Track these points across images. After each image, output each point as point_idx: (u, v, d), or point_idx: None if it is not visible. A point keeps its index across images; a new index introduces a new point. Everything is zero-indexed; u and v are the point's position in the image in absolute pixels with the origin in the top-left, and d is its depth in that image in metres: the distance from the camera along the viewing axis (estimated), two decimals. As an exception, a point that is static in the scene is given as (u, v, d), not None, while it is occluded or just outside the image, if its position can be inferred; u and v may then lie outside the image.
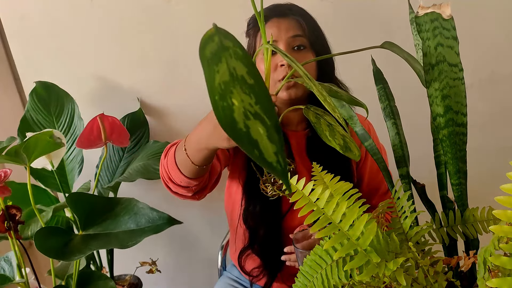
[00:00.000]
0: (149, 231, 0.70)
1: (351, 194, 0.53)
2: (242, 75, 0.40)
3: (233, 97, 0.38)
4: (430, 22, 0.57)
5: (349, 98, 0.60)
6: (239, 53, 0.42)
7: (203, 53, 0.40)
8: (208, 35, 0.42)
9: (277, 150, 0.37)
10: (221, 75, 0.39)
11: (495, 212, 0.39)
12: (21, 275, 0.84)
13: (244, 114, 0.38)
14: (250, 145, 0.37)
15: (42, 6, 1.33)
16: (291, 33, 0.93)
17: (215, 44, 0.41)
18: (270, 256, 1.01)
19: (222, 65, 0.40)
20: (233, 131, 0.37)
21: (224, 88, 0.38)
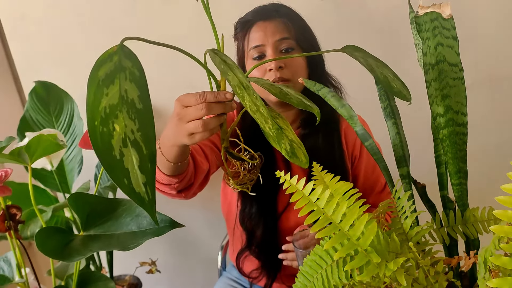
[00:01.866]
0: (150, 234, 0.69)
1: (351, 194, 0.53)
2: (133, 98, 0.40)
3: (116, 122, 0.38)
4: (430, 22, 0.57)
5: (298, 101, 0.57)
6: (135, 74, 0.41)
7: (96, 74, 0.40)
8: (107, 54, 0.41)
9: (147, 181, 0.37)
10: (109, 98, 0.39)
11: (496, 212, 0.39)
12: (20, 275, 0.84)
13: (122, 140, 0.38)
14: (120, 173, 0.36)
15: (42, 6, 1.33)
16: (278, 36, 0.93)
17: (113, 64, 0.41)
18: (268, 256, 1.01)
19: (114, 87, 0.39)
20: (106, 157, 0.36)
21: (108, 112, 0.38)
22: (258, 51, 0.94)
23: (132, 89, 0.40)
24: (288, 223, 1.01)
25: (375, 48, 1.30)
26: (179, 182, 0.82)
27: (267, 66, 0.92)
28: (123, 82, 0.40)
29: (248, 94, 0.48)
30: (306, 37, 0.97)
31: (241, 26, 0.99)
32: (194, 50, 1.02)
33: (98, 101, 0.39)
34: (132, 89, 0.40)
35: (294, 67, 0.93)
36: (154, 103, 1.41)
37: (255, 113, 0.48)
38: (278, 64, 0.90)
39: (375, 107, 0.79)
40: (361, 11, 1.30)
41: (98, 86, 0.40)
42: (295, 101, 0.56)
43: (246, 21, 0.97)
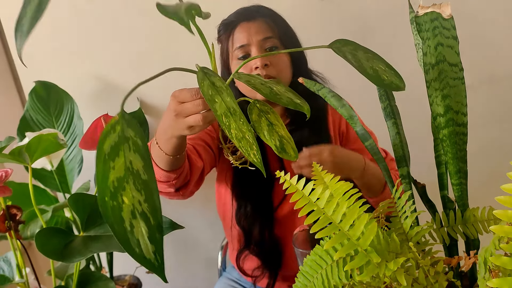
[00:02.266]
0: (150, 235, 0.69)
1: (351, 194, 0.53)
2: (138, 169, 0.41)
3: (124, 194, 0.40)
4: (430, 22, 0.57)
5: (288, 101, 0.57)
6: (138, 144, 0.42)
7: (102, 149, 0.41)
8: (110, 124, 0.42)
9: (156, 250, 0.40)
10: (116, 171, 0.40)
11: (496, 212, 0.39)
12: (20, 275, 0.84)
13: (131, 212, 0.39)
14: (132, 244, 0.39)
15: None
16: (262, 35, 0.95)
17: (116, 135, 0.42)
18: (268, 254, 1.02)
19: (119, 160, 0.40)
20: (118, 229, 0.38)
21: (117, 185, 0.40)
22: (243, 51, 0.96)
23: (137, 159, 0.42)
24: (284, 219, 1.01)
25: (375, 48, 1.31)
26: (177, 178, 0.83)
27: (253, 64, 0.93)
28: (128, 153, 0.41)
29: (234, 121, 0.49)
30: (289, 36, 1.00)
31: (224, 27, 1.00)
32: (194, 49, 1.02)
33: (106, 176, 0.40)
34: (137, 160, 0.42)
35: (279, 65, 0.95)
36: (152, 102, 1.41)
37: (240, 140, 0.48)
38: (263, 62, 0.93)
39: (375, 107, 0.79)
40: (361, 11, 1.30)
41: (104, 161, 0.40)
42: (285, 101, 0.56)
43: (230, 22, 0.99)
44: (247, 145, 0.49)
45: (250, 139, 0.49)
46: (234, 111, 0.49)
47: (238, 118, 0.49)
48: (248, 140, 0.49)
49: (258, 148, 0.49)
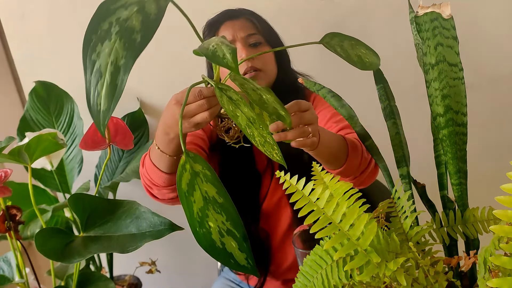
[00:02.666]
0: (150, 236, 0.69)
1: (351, 194, 0.53)
2: (213, 195, 0.47)
3: (209, 221, 0.46)
4: (430, 22, 0.57)
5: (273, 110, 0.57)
6: (208, 174, 0.48)
7: (181, 188, 0.47)
8: (181, 165, 0.48)
9: (247, 256, 0.47)
10: (197, 204, 0.46)
11: (496, 212, 0.39)
12: (20, 275, 0.84)
13: (219, 233, 0.46)
14: (227, 257, 0.46)
15: (42, 6, 1.33)
16: (246, 32, 0.99)
17: (188, 173, 0.47)
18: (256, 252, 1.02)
19: (196, 193, 0.46)
20: (212, 250, 0.45)
21: (201, 215, 0.46)
22: None
23: (210, 188, 0.48)
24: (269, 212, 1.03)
25: (375, 47, 1.31)
26: None
27: (238, 57, 0.96)
28: (201, 185, 0.47)
29: (256, 129, 0.53)
30: (271, 33, 1.04)
31: (209, 28, 1.04)
32: (195, 47, 1.00)
33: (192, 210, 0.46)
34: (210, 188, 0.48)
35: (264, 58, 0.99)
36: (152, 102, 1.41)
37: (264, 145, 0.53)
38: (248, 54, 0.97)
39: (375, 107, 0.79)
40: (361, 11, 1.30)
41: (186, 198, 0.47)
42: (270, 110, 0.57)
43: (214, 21, 1.03)
44: (269, 147, 0.53)
45: (271, 141, 0.53)
46: (254, 120, 0.53)
47: (258, 125, 0.53)
48: (270, 143, 0.53)
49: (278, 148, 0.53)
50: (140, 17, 0.43)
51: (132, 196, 0.92)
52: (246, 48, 0.98)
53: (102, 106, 0.43)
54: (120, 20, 0.43)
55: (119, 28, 0.42)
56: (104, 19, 0.43)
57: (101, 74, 0.42)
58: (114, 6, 0.43)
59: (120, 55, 0.41)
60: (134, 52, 0.41)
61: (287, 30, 1.08)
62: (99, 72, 0.43)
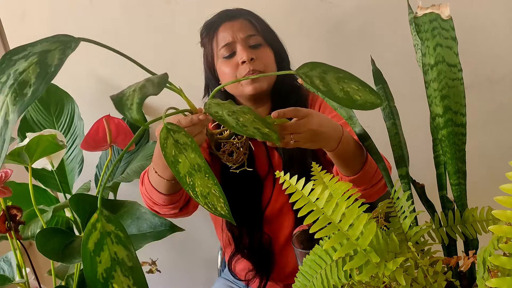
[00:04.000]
0: (150, 237, 0.70)
1: (350, 194, 0.53)
2: (123, 258, 0.45)
3: (114, 282, 0.43)
4: (429, 23, 0.57)
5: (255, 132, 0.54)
6: (120, 236, 0.45)
7: (86, 247, 0.44)
8: (91, 224, 0.45)
9: None
10: (103, 264, 0.43)
11: (495, 212, 0.40)
12: (21, 275, 0.84)
13: None
14: None
15: (42, 6, 1.33)
16: (246, 33, 0.97)
17: (98, 232, 0.45)
18: (259, 257, 1.02)
19: (104, 253, 0.44)
20: None
21: (106, 276, 0.43)
22: (228, 49, 0.97)
23: (121, 250, 0.45)
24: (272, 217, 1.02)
25: (374, 48, 1.31)
26: (179, 200, 0.85)
27: (239, 59, 0.95)
28: (111, 246, 0.45)
29: (200, 178, 0.48)
30: (271, 34, 1.03)
31: (207, 29, 1.02)
32: (194, 49, 1.02)
33: (95, 270, 0.44)
34: (121, 250, 0.45)
35: (265, 59, 0.98)
36: (151, 102, 1.41)
37: (206, 197, 0.48)
38: (249, 56, 0.95)
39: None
40: (360, 11, 1.30)
41: (91, 258, 0.44)
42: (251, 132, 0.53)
43: (212, 22, 1.01)
44: (213, 199, 0.48)
45: (216, 192, 0.49)
46: (199, 167, 0.48)
47: (203, 174, 0.48)
48: (215, 194, 0.49)
49: (225, 199, 0.48)
50: (37, 69, 0.41)
51: (133, 196, 0.93)
52: (247, 49, 0.96)
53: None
54: (17, 72, 0.41)
55: (13, 81, 0.40)
56: (4, 71, 0.41)
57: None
58: (17, 56, 0.42)
59: (10, 110, 0.40)
60: (22, 106, 0.39)
61: (286, 32, 1.08)
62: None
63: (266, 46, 0.99)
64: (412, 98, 1.13)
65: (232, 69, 0.96)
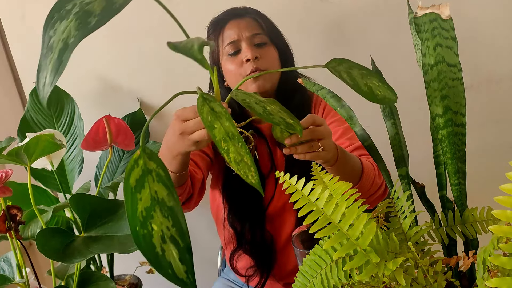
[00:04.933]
0: (151, 237, 0.70)
1: (350, 194, 0.53)
2: (163, 197, 0.44)
3: (153, 223, 0.43)
4: (429, 23, 0.57)
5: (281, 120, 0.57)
6: (161, 174, 0.45)
7: (128, 183, 0.44)
8: (133, 159, 0.45)
9: (187, 269, 0.43)
10: (143, 202, 0.43)
11: (495, 212, 0.40)
12: (21, 275, 0.84)
13: (161, 238, 0.43)
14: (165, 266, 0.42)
15: (42, 6, 1.33)
16: (251, 31, 0.98)
17: (140, 169, 0.45)
18: (260, 253, 1.03)
19: (145, 191, 0.44)
20: (151, 254, 0.42)
21: (145, 215, 0.43)
22: (233, 46, 0.98)
23: (161, 189, 0.45)
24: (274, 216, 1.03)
25: (374, 49, 1.31)
26: (181, 194, 0.86)
27: (243, 57, 0.96)
28: (152, 184, 0.44)
29: (233, 145, 0.50)
30: (277, 34, 1.03)
31: (214, 26, 1.03)
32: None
33: (135, 208, 0.43)
34: (161, 189, 0.45)
35: (269, 58, 0.98)
36: (152, 102, 1.41)
37: (239, 163, 0.49)
38: (254, 54, 0.95)
39: (374, 108, 0.79)
40: (360, 12, 1.30)
41: (132, 194, 0.44)
42: (277, 120, 0.57)
43: (219, 20, 1.02)
44: (245, 168, 0.50)
45: (248, 161, 0.50)
46: (232, 135, 0.50)
47: (237, 141, 0.50)
48: (246, 163, 0.50)
49: (256, 170, 0.50)
50: (103, 3, 0.44)
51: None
52: (252, 48, 0.96)
53: (47, 80, 0.44)
54: (83, 3, 0.44)
55: (79, 9, 0.43)
56: (70, 1, 0.44)
57: (52, 49, 0.45)
58: None
59: (72, 34, 0.43)
60: (84, 33, 0.43)
61: (286, 31, 1.08)
62: (51, 48, 0.45)
63: (271, 45, 1.00)
64: (412, 98, 1.13)
65: (236, 66, 0.97)
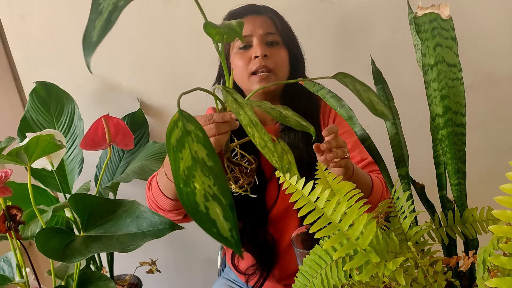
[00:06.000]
0: (150, 236, 0.70)
1: (352, 194, 0.53)
2: (203, 157, 0.46)
3: (195, 181, 0.44)
4: (429, 23, 0.57)
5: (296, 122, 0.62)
6: (200, 135, 0.47)
7: (169, 142, 0.46)
8: (173, 121, 0.48)
9: (231, 227, 0.43)
10: (185, 161, 0.45)
11: (495, 212, 0.40)
12: (21, 275, 0.84)
13: (204, 196, 0.44)
14: (209, 224, 0.43)
15: (42, 6, 1.33)
16: (266, 29, 0.98)
17: (179, 130, 0.47)
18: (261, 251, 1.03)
19: (185, 151, 0.46)
20: (195, 213, 0.43)
21: (187, 173, 0.44)
22: (245, 41, 0.99)
23: (200, 149, 0.47)
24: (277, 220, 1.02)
25: (374, 49, 1.31)
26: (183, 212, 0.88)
27: (253, 53, 0.96)
28: (192, 145, 0.47)
29: (257, 131, 0.54)
30: (290, 36, 1.04)
31: (230, 18, 1.03)
32: (194, 49, 1.02)
33: (178, 165, 0.45)
34: (200, 149, 0.47)
35: (278, 59, 0.98)
36: (152, 102, 1.41)
37: (263, 148, 0.54)
38: (263, 52, 0.95)
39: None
40: (361, 12, 1.30)
41: (174, 152, 0.46)
42: (293, 122, 0.61)
43: (237, 13, 1.03)
44: (269, 152, 0.55)
45: (271, 147, 0.55)
46: (256, 123, 0.55)
47: (260, 129, 0.55)
48: (270, 148, 0.55)
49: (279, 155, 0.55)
50: None
51: (133, 196, 0.93)
52: (262, 45, 0.97)
53: (94, 38, 0.47)
54: None
55: None
56: None
57: (101, 12, 0.49)
58: None
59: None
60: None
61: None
62: (100, 12, 0.49)
63: (282, 46, 1.00)
64: (412, 98, 1.13)
65: (244, 62, 0.98)
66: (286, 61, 1.01)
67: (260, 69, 0.95)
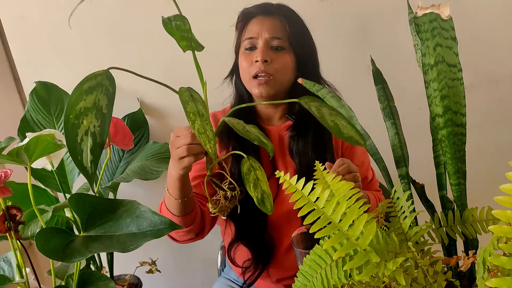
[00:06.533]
0: (150, 235, 0.70)
1: (351, 194, 0.53)
2: (102, 105, 0.55)
3: (85, 119, 0.53)
4: (429, 23, 0.57)
5: (255, 137, 0.66)
6: (109, 90, 0.56)
7: (81, 86, 0.54)
8: (93, 75, 0.56)
9: (93, 160, 0.53)
10: (86, 102, 0.54)
11: (495, 212, 0.40)
12: (21, 275, 0.84)
13: (85, 131, 0.53)
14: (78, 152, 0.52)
15: (42, 7, 1.33)
16: (272, 33, 0.97)
17: (95, 81, 0.56)
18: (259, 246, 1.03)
19: (91, 96, 0.54)
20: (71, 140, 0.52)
21: (82, 111, 0.53)
22: (250, 42, 0.98)
23: (104, 99, 0.55)
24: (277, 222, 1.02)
25: (374, 48, 1.31)
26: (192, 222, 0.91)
27: (254, 57, 0.96)
28: (99, 94, 0.55)
29: (200, 120, 0.60)
30: (301, 42, 1.00)
31: (243, 17, 1.03)
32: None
33: (77, 102, 0.53)
34: (104, 99, 0.55)
35: (280, 65, 0.96)
36: (152, 102, 1.41)
37: (201, 134, 0.59)
38: (264, 57, 0.94)
39: (374, 107, 0.79)
40: (361, 12, 1.30)
41: (80, 94, 0.54)
42: (253, 137, 0.65)
43: (248, 12, 1.02)
44: (206, 139, 0.59)
45: (209, 135, 0.59)
46: (202, 115, 0.60)
47: (204, 119, 0.60)
48: (208, 136, 0.59)
49: (215, 144, 0.59)
50: None
51: (133, 196, 0.93)
52: (265, 50, 0.95)
53: None
54: None
55: None
56: None
57: None
58: None
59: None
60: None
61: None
62: None
63: (288, 51, 0.98)
64: (412, 98, 1.14)
65: (248, 64, 0.98)
66: (289, 66, 0.98)
67: (259, 74, 0.95)
